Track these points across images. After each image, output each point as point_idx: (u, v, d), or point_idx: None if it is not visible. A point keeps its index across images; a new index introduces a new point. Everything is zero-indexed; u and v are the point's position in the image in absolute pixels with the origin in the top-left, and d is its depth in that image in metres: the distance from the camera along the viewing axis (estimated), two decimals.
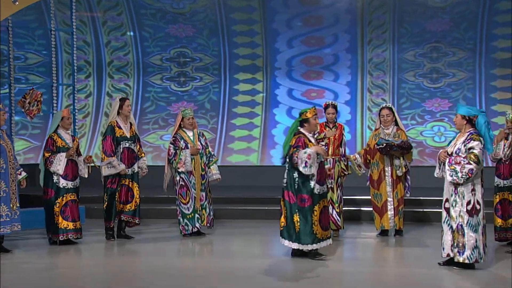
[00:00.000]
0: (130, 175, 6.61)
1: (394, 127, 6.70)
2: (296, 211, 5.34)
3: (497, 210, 6.15)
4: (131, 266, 5.48)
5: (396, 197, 6.55)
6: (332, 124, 6.91)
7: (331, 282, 4.82)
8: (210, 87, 12.23)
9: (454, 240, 4.96)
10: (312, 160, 5.25)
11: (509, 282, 4.65)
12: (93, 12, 11.84)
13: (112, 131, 6.53)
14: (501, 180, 6.13)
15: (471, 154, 4.88)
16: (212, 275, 5.04)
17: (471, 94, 11.08)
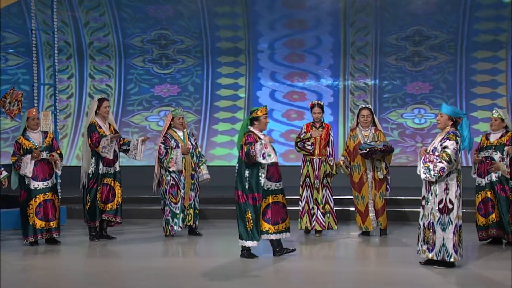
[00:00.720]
0: (112, 174, 6.47)
1: (372, 128, 6.51)
2: (248, 210, 5.32)
3: (480, 209, 6.07)
4: (114, 266, 5.37)
5: (381, 197, 6.42)
6: (318, 124, 6.71)
7: (314, 282, 4.73)
8: (193, 69, 11.94)
9: (425, 236, 4.95)
10: (269, 149, 5.22)
11: (489, 280, 4.64)
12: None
13: (95, 128, 6.39)
14: (482, 179, 6.06)
15: (444, 153, 4.86)
16: (195, 275, 4.93)
17: (452, 77, 10.97)
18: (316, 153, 6.55)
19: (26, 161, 6.12)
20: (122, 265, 5.47)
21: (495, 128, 6.08)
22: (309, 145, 6.54)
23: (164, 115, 11.71)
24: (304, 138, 6.58)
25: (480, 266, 5.10)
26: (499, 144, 5.99)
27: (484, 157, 6.05)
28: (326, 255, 5.92)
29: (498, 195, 5.94)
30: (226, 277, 4.85)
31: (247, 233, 5.35)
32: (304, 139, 6.59)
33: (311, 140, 6.55)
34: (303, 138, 6.61)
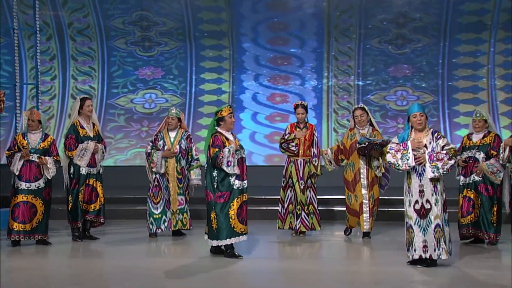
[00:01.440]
0: (94, 174, 6.34)
1: (369, 128, 6.29)
2: (213, 208, 5.25)
3: (461, 208, 5.97)
4: (97, 267, 5.26)
5: (372, 199, 6.22)
6: (302, 125, 6.48)
7: (301, 282, 4.62)
8: (176, 52, 11.63)
9: (444, 237, 4.84)
10: (235, 160, 5.21)
11: (474, 278, 4.62)
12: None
13: (75, 130, 6.25)
14: (465, 178, 5.99)
15: (451, 150, 4.84)
16: (179, 275, 4.84)
17: (435, 60, 10.82)
18: (300, 154, 6.37)
19: (16, 158, 6.06)
20: (105, 266, 5.37)
21: (478, 130, 6.00)
22: (293, 146, 6.37)
23: (149, 97, 11.54)
24: (288, 139, 6.40)
25: (464, 265, 5.05)
26: (482, 144, 5.93)
27: (467, 157, 6.00)
28: (310, 255, 5.83)
29: (480, 195, 5.89)
30: (208, 276, 4.76)
31: (213, 232, 5.26)
32: (288, 140, 6.41)
33: (295, 141, 6.37)
34: (287, 139, 6.43)
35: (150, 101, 11.49)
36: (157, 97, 11.50)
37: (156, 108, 11.45)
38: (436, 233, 4.85)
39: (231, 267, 5.08)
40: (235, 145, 5.31)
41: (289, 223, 6.42)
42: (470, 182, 5.94)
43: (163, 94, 11.52)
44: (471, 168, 5.96)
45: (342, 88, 11.01)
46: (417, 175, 4.94)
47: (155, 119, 11.31)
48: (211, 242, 5.31)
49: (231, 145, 5.26)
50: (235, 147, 5.27)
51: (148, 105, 11.48)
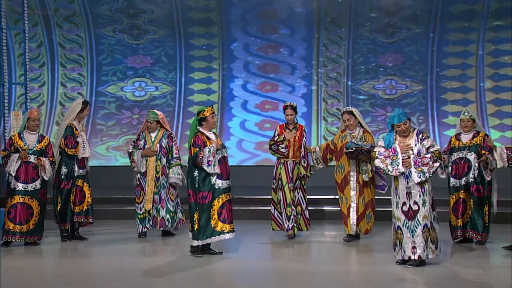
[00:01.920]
0: (82, 175, 6.30)
1: (360, 130, 6.06)
2: (196, 209, 5.21)
3: (454, 210, 5.91)
4: (86, 267, 5.18)
5: (363, 202, 6.01)
6: (292, 126, 6.28)
7: (290, 281, 4.57)
8: (165, 40, 11.35)
9: (431, 237, 4.83)
10: (216, 159, 5.18)
11: (462, 277, 4.58)
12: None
13: (72, 131, 6.19)
14: (457, 180, 5.89)
15: (436, 152, 4.83)
16: (168, 275, 4.75)
17: (424, 49, 10.57)
18: (290, 155, 6.19)
19: (13, 159, 5.93)
20: (94, 266, 5.28)
21: (467, 130, 5.89)
22: (283, 148, 6.18)
23: (139, 85, 11.34)
24: (278, 141, 6.22)
25: (453, 264, 5.02)
26: (473, 144, 5.83)
27: (458, 158, 5.88)
28: (300, 255, 5.73)
29: (472, 196, 5.82)
30: (196, 276, 4.70)
31: (195, 232, 5.23)
32: (277, 141, 6.22)
33: (285, 143, 6.18)
34: (276, 141, 6.24)
35: (140, 89, 11.29)
36: (147, 85, 11.31)
37: (147, 96, 11.25)
38: (424, 234, 4.83)
39: (220, 267, 5.01)
40: (216, 144, 5.27)
41: (282, 224, 6.26)
42: (463, 184, 5.84)
43: (153, 82, 11.32)
44: (462, 169, 5.85)
45: (332, 77, 10.87)
46: (404, 178, 4.89)
47: (145, 107, 11.12)
48: (195, 242, 5.27)
49: (212, 145, 5.23)
50: (216, 146, 5.25)
51: (138, 93, 11.29)
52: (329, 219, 7.25)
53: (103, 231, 6.88)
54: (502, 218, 6.71)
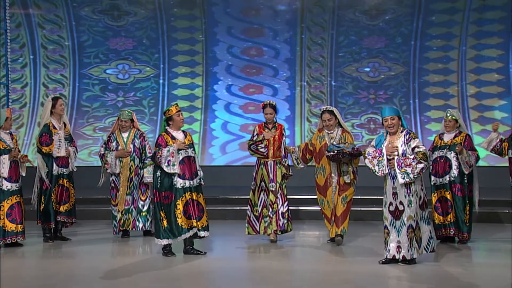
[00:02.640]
0: (66, 174, 6.06)
1: (338, 130, 5.77)
2: (161, 208, 5.13)
3: (436, 208, 5.85)
4: (69, 267, 5.04)
5: (344, 202, 5.73)
6: (271, 125, 5.97)
7: (271, 281, 4.47)
8: (147, 22, 10.94)
9: (416, 237, 4.76)
10: (175, 159, 5.08)
11: (444, 276, 4.53)
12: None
13: (48, 129, 5.96)
14: (437, 179, 5.84)
15: (420, 153, 4.73)
16: (149, 275, 4.63)
17: (408, 30, 10.32)
18: (270, 156, 5.90)
19: (3, 160, 5.69)
20: (77, 266, 5.13)
21: (450, 129, 5.85)
22: (262, 148, 5.88)
23: (122, 68, 11.01)
24: (257, 141, 5.91)
25: (436, 263, 4.96)
26: (453, 144, 5.78)
27: (438, 156, 5.83)
28: (281, 255, 5.58)
29: (454, 195, 5.76)
30: (174, 276, 4.59)
31: (160, 232, 5.14)
32: (257, 141, 5.92)
33: (264, 142, 5.87)
34: (256, 141, 5.93)
35: (124, 71, 10.99)
36: (130, 67, 10.99)
37: (131, 78, 10.96)
38: (409, 234, 4.76)
39: (201, 266, 4.93)
40: (179, 144, 5.15)
41: (263, 228, 5.93)
42: (445, 183, 5.80)
43: (136, 65, 11.00)
44: (442, 168, 5.81)
45: (315, 59, 10.64)
46: (391, 178, 4.85)
47: (130, 90, 10.88)
48: (160, 241, 5.17)
49: (172, 145, 5.13)
50: (177, 146, 5.13)
51: (122, 75, 10.99)
52: (310, 219, 7.11)
53: (86, 232, 6.72)
54: (484, 218, 6.78)
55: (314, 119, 10.36)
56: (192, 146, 5.28)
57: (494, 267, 4.90)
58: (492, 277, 4.54)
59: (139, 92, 10.89)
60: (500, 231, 6.41)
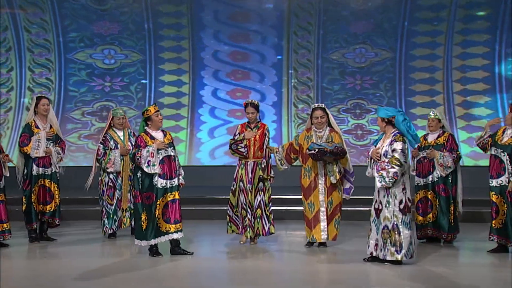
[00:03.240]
0: (49, 175, 5.91)
1: (327, 129, 5.52)
2: (143, 210, 5.05)
3: (418, 208, 5.78)
4: (55, 268, 4.93)
5: (331, 206, 5.52)
6: (253, 125, 5.70)
7: (255, 281, 4.42)
8: (132, 5, 10.41)
9: (391, 239, 4.70)
10: (155, 159, 5.01)
11: (429, 276, 4.47)
12: None
13: (30, 130, 5.84)
14: (421, 179, 5.77)
15: (393, 158, 4.69)
16: (135, 276, 4.57)
17: (395, 17, 10.03)
18: (250, 156, 5.63)
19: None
20: (62, 267, 5.01)
21: (433, 129, 5.77)
22: (242, 147, 5.60)
23: (108, 53, 10.74)
24: (238, 140, 5.64)
25: (422, 263, 4.89)
26: (436, 144, 5.71)
27: (422, 157, 5.75)
28: (266, 255, 5.45)
29: (438, 196, 5.68)
30: (161, 277, 4.52)
31: (141, 233, 5.07)
32: (237, 140, 5.63)
33: (244, 142, 5.60)
34: (236, 140, 5.64)
35: (110, 57, 10.73)
36: (116, 53, 10.73)
37: (117, 64, 10.72)
38: (383, 234, 4.72)
39: (188, 267, 4.85)
40: (158, 144, 5.07)
41: (236, 229, 5.74)
42: (428, 183, 5.72)
43: (122, 50, 10.73)
44: (426, 168, 5.74)
45: (302, 46, 10.32)
46: None
47: (116, 75, 10.66)
48: (140, 243, 5.11)
49: (151, 145, 5.05)
50: (157, 146, 5.06)
51: (108, 60, 10.74)
52: (295, 218, 6.94)
53: (72, 232, 6.58)
54: (468, 218, 6.70)
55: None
56: (172, 145, 5.18)
57: (479, 267, 4.85)
58: (477, 277, 4.49)
59: (126, 78, 10.68)
60: (485, 231, 6.31)
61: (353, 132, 10.19)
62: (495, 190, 5.26)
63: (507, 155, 5.17)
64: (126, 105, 10.47)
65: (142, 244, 5.12)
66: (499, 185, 5.23)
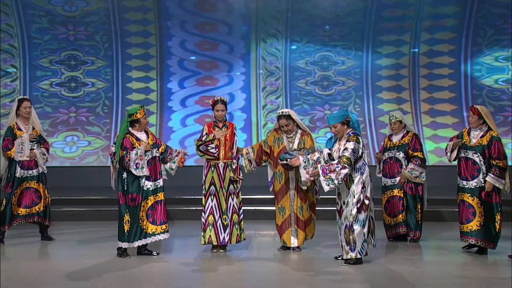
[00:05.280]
0: (35, 176, 5.76)
1: (297, 133, 5.19)
2: (126, 211, 4.91)
3: (386, 208, 5.67)
4: (23, 270, 4.67)
5: (308, 208, 5.23)
6: (222, 123, 5.25)
7: (227, 281, 4.33)
8: None
9: (346, 237, 4.62)
10: (143, 161, 4.87)
11: (395, 275, 4.39)
12: None
13: (12, 132, 5.69)
14: (387, 179, 5.65)
15: (343, 158, 4.54)
16: (106, 277, 4.39)
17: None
18: (221, 157, 5.18)
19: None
20: (34, 268, 4.76)
21: (396, 131, 5.70)
22: (212, 148, 5.15)
23: None
24: (207, 140, 5.15)
25: (387, 262, 4.82)
26: (401, 144, 5.62)
27: (388, 157, 5.66)
28: (238, 254, 5.19)
29: (406, 194, 5.60)
30: (134, 277, 4.40)
31: (124, 235, 4.91)
32: (206, 141, 5.15)
33: (215, 142, 5.15)
34: (205, 141, 5.17)
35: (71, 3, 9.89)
36: None
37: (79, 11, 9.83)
38: (346, 234, 4.63)
39: (159, 268, 4.69)
40: (145, 146, 4.93)
41: (208, 237, 5.18)
42: (395, 183, 5.61)
43: None
44: (394, 169, 5.63)
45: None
46: None
47: None
48: (122, 244, 4.95)
49: (139, 147, 4.90)
50: (144, 148, 4.92)
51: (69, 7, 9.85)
52: (266, 218, 6.65)
53: (54, 233, 6.17)
54: (433, 216, 6.64)
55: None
56: (156, 146, 5.05)
57: (444, 265, 4.75)
58: (441, 275, 4.41)
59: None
60: (447, 230, 6.32)
61: None
62: (471, 191, 5.09)
63: (480, 155, 5.04)
64: (93, 55, 9.86)
65: (123, 246, 4.97)
66: (474, 187, 5.08)
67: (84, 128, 9.89)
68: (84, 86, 9.96)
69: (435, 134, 9.61)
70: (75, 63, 9.90)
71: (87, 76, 10.00)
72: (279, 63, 9.91)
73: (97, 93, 10.01)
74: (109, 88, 9.99)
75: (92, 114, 9.90)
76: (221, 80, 9.96)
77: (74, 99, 9.97)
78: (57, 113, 9.97)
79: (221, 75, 9.97)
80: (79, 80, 9.94)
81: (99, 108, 9.95)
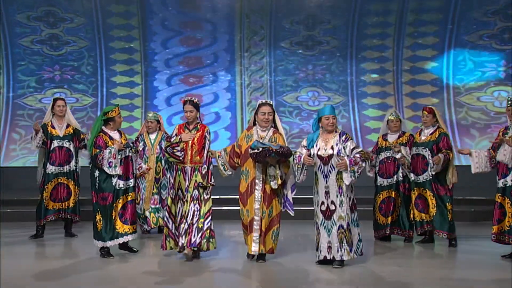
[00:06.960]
0: (65, 173, 5.80)
1: (271, 130, 4.69)
2: (98, 210, 4.82)
3: (380, 208, 5.49)
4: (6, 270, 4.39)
5: (270, 216, 4.62)
6: (192, 126, 4.79)
7: (196, 281, 4.14)
8: None
9: (346, 239, 4.42)
10: (116, 160, 4.79)
11: (377, 275, 4.23)
12: None
13: (46, 130, 5.82)
14: (384, 179, 5.49)
15: (362, 152, 4.47)
16: (87, 277, 4.23)
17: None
18: (187, 161, 4.71)
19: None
20: (14, 269, 4.35)
21: (395, 130, 5.53)
22: (178, 151, 4.68)
23: None
24: (174, 143, 4.70)
25: (372, 263, 4.62)
26: (399, 144, 5.45)
27: (385, 157, 5.49)
28: (208, 254, 4.89)
29: (401, 194, 5.46)
30: (114, 277, 4.21)
31: (97, 233, 4.82)
32: (173, 143, 4.71)
33: (181, 145, 4.69)
34: (172, 142, 4.72)
35: None
36: None
37: None
38: (339, 234, 4.41)
39: (139, 267, 4.51)
40: (118, 145, 4.82)
41: (173, 244, 4.84)
42: (393, 183, 5.47)
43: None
44: (390, 169, 5.49)
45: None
46: (324, 177, 4.47)
47: None
48: (97, 243, 4.87)
49: (113, 146, 4.80)
50: (118, 147, 4.81)
51: None
52: (234, 218, 6.12)
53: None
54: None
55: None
56: (129, 146, 4.97)
57: (431, 267, 4.59)
58: (427, 275, 4.27)
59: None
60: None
61: None
62: (423, 185, 5.28)
63: (429, 151, 5.24)
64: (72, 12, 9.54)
65: (98, 245, 4.89)
66: (425, 180, 5.27)
67: (71, 86, 9.74)
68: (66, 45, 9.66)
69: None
70: (54, 19, 9.58)
71: (67, 34, 9.65)
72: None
73: (80, 52, 9.71)
74: (91, 48, 9.72)
75: (77, 73, 9.70)
76: (206, 79, 9.82)
77: (57, 57, 9.70)
78: (41, 71, 9.70)
79: (206, 73, 9.82)
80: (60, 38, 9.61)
81: (83, 67, 9.73)
